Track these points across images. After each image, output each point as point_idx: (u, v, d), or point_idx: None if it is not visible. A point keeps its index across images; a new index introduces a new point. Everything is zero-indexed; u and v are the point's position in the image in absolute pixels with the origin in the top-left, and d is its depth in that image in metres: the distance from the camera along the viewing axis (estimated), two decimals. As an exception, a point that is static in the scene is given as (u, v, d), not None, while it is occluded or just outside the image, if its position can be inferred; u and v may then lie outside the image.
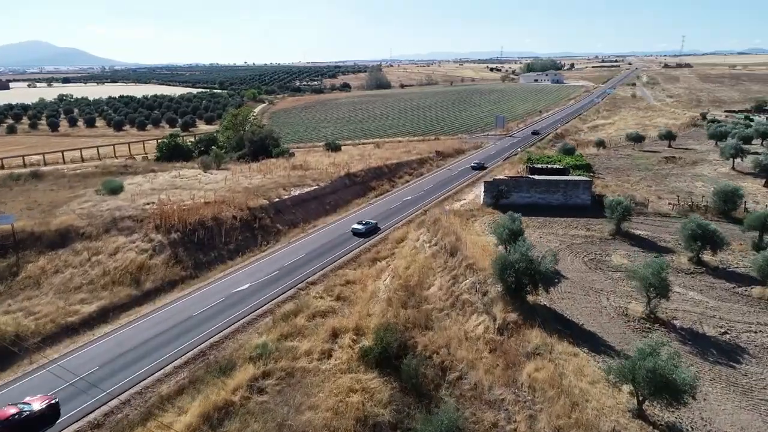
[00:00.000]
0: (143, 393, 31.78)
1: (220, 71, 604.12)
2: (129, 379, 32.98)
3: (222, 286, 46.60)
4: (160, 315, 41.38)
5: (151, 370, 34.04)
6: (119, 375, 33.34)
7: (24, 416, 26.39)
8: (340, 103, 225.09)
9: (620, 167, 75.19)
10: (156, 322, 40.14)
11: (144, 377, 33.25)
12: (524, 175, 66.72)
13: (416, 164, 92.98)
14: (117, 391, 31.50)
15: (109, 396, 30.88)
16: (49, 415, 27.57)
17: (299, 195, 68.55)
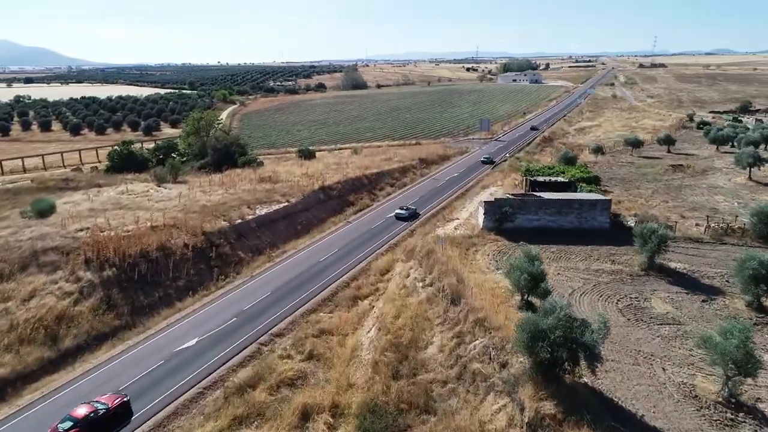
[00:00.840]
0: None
1: (191, 71, 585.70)
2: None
3: (163, 341, 36.76)
4: (76, 389, 31.38)
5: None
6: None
7: (100, 414, 26.37)
8: (314, 105, 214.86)
9: (626, 178, 67.30)
10: (68, 401, 30.11)
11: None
12: (525, 191, 58.23)
13: (398, 173, 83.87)
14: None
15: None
16: (122, 413, 27.59)
17: (266, 214, 58.76)
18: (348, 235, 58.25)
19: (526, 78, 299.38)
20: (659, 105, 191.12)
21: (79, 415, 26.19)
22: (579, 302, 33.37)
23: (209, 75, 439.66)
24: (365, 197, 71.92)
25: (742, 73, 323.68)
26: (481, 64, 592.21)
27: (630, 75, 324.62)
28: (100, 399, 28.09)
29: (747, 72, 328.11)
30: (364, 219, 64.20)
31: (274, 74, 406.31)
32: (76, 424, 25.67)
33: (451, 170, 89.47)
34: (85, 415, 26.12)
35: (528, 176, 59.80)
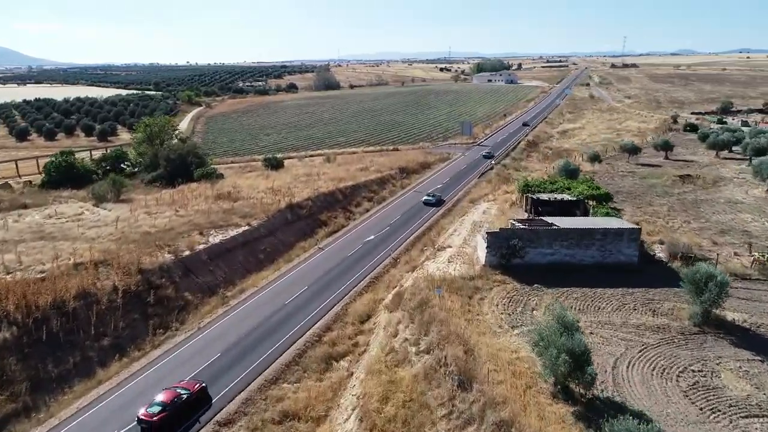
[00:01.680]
0: None
1: (159, 71, 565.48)
2: None
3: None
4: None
5: None
6: None
7: (184, 399, 27.13)
8: (285, 106, 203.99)
9: (633, 191, 59.55)
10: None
11: None
12: (525, 209, 49.79)
13: (376, 186, 74.71)
14: None
15: None
16: (202, 398, 28.41)
17: (222, 242, 48.93)
18: (320, 265, 48.85)
19: (501, 78, 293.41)
20: (638, 106, 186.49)
21: (166, 399, 26.85)
22: (628, 379, 24.86)
23: (176, 75, 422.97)
24: (340, 216, 62.56)
25: (711, 72, 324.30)
26: (454, 64, 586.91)
27: (604, 75, 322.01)
28: (180, 384, 28.90)
29: (716, 72, 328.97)
30: (338, 243, 54.82)
31: (243, 74, 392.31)
32: (164, 408, 26.30)
33: (434, 181, 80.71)
34: (172, 399, 26.86)
35: (528, 193, 51.39)
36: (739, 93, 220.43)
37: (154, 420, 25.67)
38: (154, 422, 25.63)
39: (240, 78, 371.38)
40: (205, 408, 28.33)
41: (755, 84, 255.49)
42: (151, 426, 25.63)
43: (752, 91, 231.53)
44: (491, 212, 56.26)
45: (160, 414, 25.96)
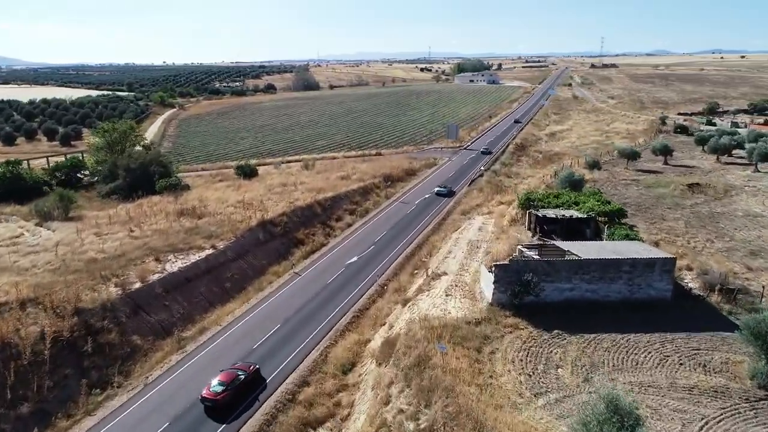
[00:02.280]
0: None
1: (133, 71, 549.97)
2: None
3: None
4: None
5: None
6: None
7: (242, 380, 28.75)
8: (262, 108, 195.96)
9: (640, 203, 54.03)
10: None
11: None
12: (529, 228, 43.82)
13: (359, 196, 68.14)
14: None
15: None
16: (257, 378, 30.14)
17: (181, 270, 41.92)
18: (295, 295, 42.15)
19: (483, 78, 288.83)
20: (622, 106, 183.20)
21: (226, 380, 28.38)
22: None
23: (151, 75, 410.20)
24: (318, 233, 55.84)
25: (690, 73, 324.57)
26: (434, 65, 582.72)
27: (584, 75, 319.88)
28: (236, 367, 30.12)
29: (695, 72, 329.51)
30: (317, 267, 48.10)
31: (220, 75, 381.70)
32: (227, 387, 27.93)
33: (421, 189, 74.44)
34: (232, 379, 28.43)
35: (530, 209, 45.40)
36: (720, 93, 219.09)
37: (218, 398, 27.43)
38: (218, 400, 27.38)
39: (217, 78, 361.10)
40: (261, 388, 29.86)
41: (734, 84, 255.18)
42: (216, 404, 27.38)
43: (733, 91, 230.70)
44: (488, 229, 50.18)
45: (223, 393, 27.66)
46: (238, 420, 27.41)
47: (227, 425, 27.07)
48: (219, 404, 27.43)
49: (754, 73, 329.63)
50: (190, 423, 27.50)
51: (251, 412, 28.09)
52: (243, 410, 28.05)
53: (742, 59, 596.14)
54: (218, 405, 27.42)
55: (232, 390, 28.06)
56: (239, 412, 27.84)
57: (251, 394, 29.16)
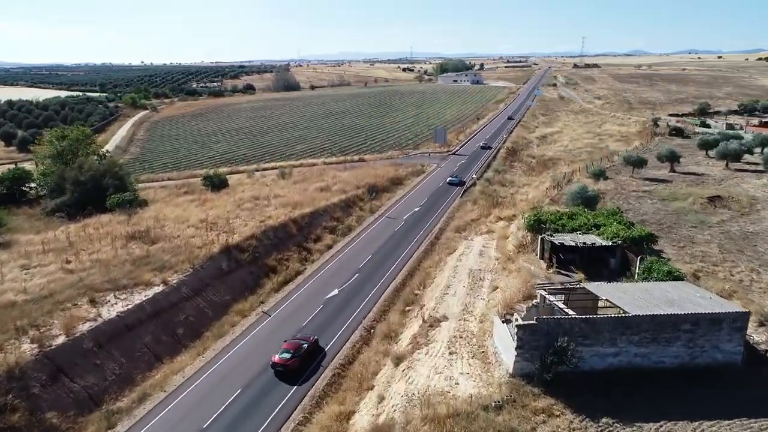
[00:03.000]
0: None
1: (109, 71, 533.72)
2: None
3: None
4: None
5: None
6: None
7: (305, 348, 31.69)
8: (240, 109, 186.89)
9: (660, 220, 47.30)
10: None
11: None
12: (542, 257, 36.69)
13: (340, 211, 60.49)
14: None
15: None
16: (317, 348, 33.15)
17: (121, 315, 33.85)
18: (261, 345, 34.33)
19: (467, 78, 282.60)
20: (610, 107, 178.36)
21: (292, 348, 31.33)
22: None
23: (126, 76, 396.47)
24: (293, 257, 48.05)
25: (672, 73, 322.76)
26: (416, 65, 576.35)
27: (568, 75, 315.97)
28: (298, 338, 33.19)
29: (677, 72, 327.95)
30: (290, 304, 40.33)
31: (198, 75, 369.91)
32: (294, 355, 30.88)
33: (408, 202, 67.06)
34: (297, 347, 31.40)
35: (542, 233, 38.29)
36: (705, 93, 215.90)
37: (288, 363, 30.27)
38: (288, 365, 30.23)
39: (194, 79, 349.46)
40: (321, 356, 32.42)
41: (717, 84, 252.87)
42: (286, 368, 30.17)
43: (717, 91, 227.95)
44: (490, 253, 43.01)
45: (292, 359, 30.50)
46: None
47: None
48: (289, 368, 30.43)
49: (735, 72, 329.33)
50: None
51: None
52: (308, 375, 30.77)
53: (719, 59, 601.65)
54: (288, 369, 30.42)
55: (299, 357, 31.08)
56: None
57: (313, 360, 32.02)
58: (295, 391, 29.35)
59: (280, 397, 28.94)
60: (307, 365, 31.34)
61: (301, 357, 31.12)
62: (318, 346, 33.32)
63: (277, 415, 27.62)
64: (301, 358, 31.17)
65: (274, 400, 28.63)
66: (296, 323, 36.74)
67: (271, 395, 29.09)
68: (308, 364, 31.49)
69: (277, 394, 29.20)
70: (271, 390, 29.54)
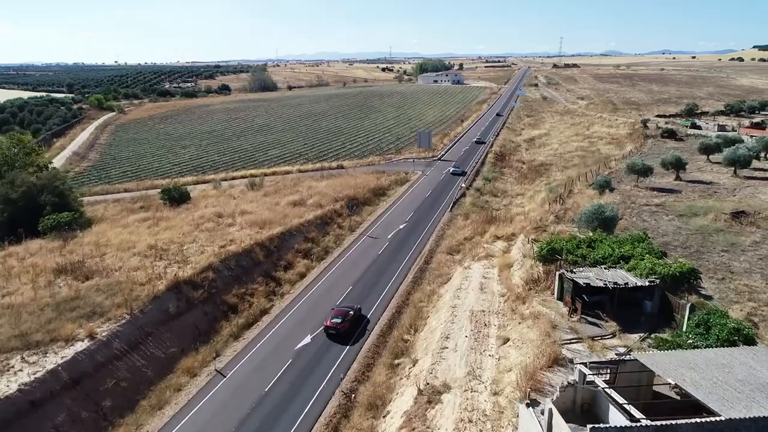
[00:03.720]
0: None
1: (81, 71, 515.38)
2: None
3: None
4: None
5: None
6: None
7: (352, 315, 35.69)
8: (212, 110, 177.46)
9: (683, 242, 40.74)
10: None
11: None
12: (570, 309, 29.62)
13: (316, 229, 52.86)
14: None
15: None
16: (361, 315, 37.09)
17: (24, 390, 25.70)
18: (210, 423, 26.68)
19: (448, 79, 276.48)
20: (595, 108, 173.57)
21: (341, 314, 35.40)
22: None
23: (97, 76, 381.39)
24: (259, 292, 40.30)
25: (652, 73, 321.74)
26: (395, 65, 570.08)
27: (548, 75, 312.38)
28: (345, 306, 37.32)
29: (656, 72, 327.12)
30: (252, 357, 32.56)
31: (171, 75, 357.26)
32: (343, 319, 34.89)
33: (393, 217, 59.76)
34: (346, 313, 35.48)
35: (555, 263, 31.33)
36: (687, 93, 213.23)
37: (339, 327, 34.35)
38: (340, 328, 34.34)
39: (167, 79, 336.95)
40: (365, 322, 36.55)
41: (697, 84, 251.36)
42: (338, 331, 34.29)
43: (698, 90, 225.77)
44: (492, 287, 35.95)
45: (342, 323, 34.58)
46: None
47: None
48: (341, 331, 34.04)
49: (712, 72, 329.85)
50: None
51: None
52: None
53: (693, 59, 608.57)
54: (340, 332, 33.98)
55: (348, 321, 34.72)
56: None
57: (359, 325, 35.59)
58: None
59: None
60: (354, 329, 35.22)
61: (349, 321, 35.12)
62: (361, 314, 37.28)
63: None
64: (350, 322, 35.12)
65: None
66: (257, 387, 29.08)
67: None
68: (356, 328, 35.41)
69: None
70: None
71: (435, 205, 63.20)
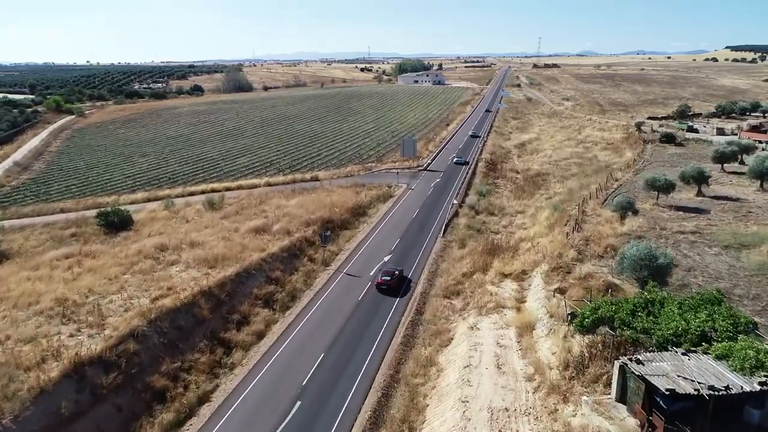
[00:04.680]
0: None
1: (48, 71, 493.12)
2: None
3: None
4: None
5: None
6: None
7: (398, 274, 40.86)
8: (179, 113, 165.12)
9: (749, 291, 31.75)
10: None
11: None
12: (643, 425, 19.96)
13: (282, 265, 42.62)
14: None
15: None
16: (403, 276, 41.87)
17: None
18: None
19: (428, 79, 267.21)
20: (581, 109, 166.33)
21: (390, 272, 40.71)
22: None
23: (64, 76, 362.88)
24: (200, 365, 29.93)
25: (632, 73, 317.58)
26: (374, 65, 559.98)
27: (529, 75, 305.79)
28: (390, 267, 42.48)
29: (636, 72, 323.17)
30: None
31: (142, 75, 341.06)
32: (392, 277, 40.13)
33: (375, 245, 49.78)
34: (393, 272, 40.65)
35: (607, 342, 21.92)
36: (671, 94, 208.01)
37: (390, 282, 39.76)
38: (391, 284, 39.73)
39: (137, 79, 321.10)
40: (408, 280, 41.68)
41: (680, 84, 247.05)
42: (389, 286, 39.65)
43: (682, 91, 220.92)
44: (515, 368, 26.33)
45: (391, 280, 39.90)
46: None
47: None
48: (391, 286, 39.72)
49: (691, 72, 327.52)
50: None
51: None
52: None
53: (669, 59, 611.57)
54: (390, 287, 39.66)
55: (395, 279, 40.26)
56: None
57: (404, 284, 40.97)
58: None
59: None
60: (400, 286, 40.09)
61: (397, 279, 40.12)
62: (403, 275, 41.81)
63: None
64: (397, 279, 40.16)
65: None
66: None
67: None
68: (401, 285, 40.23)
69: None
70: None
71: (424, 228, 53.52)
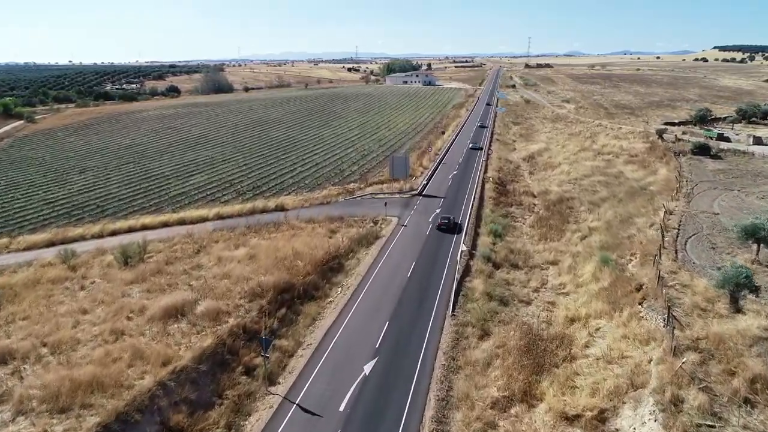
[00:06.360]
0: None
1: (25, 71, 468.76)
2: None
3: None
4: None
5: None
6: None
7: (452, 219, 51.11)
8: (143, 118, 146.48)
9: None
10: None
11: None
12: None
13: (194, 389, 25.53)
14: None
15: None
16: (455, 222, 51.49)
17: None
18: None
19: (418, 79, 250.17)
20: (586, 112, 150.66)
21: (447, 216, 51.07)
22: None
23: (34, 76, 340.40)
24: None
25: (628, 73, 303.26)
26: (362, 65, 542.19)
27: (523, 76, 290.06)
28: (446, 215, 52.17)
29: (631, 73, 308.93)
30: None
31: (116, 75, 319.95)
32: (450, 221, 50.26)
33: (350, 336, 32.54)
34: (449, 217, 50.84)
35: None
36: (676, 95, 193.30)
37: (449, 222, 50.05)
38: (448, 224, 49.87)
39: (110, 79, 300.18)
40: (459, 226, 50.78)
41: (681, 85, 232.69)
42: (447, 226, 49.68)
43: (685, 92, 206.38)
44: None
45: (448, 221, 50.13)
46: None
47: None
48: (449, 226, 49.77)
49: (687, 73, 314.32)
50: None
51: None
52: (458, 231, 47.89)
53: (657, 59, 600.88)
54: (449, 227, 49.75)
55: (451, 221, 50.29)
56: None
57: (456, 228, 50.20)
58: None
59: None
60: (455, 229, 49.66)
61: (453, 222, 50.44)
62: (456, 221, 51.58)
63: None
64: (453, 222, 50.43)
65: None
66: None
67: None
68: (455, 228, 50.08)
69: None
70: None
71: (424, 299, 36.49)
